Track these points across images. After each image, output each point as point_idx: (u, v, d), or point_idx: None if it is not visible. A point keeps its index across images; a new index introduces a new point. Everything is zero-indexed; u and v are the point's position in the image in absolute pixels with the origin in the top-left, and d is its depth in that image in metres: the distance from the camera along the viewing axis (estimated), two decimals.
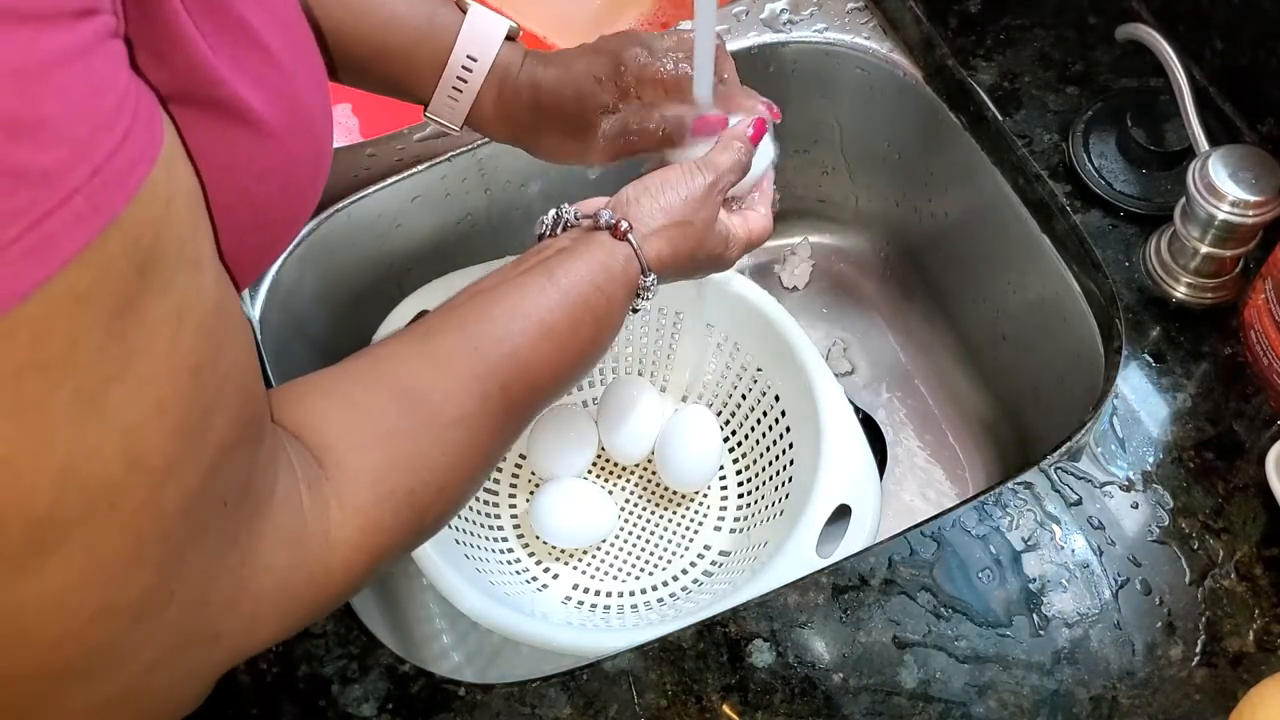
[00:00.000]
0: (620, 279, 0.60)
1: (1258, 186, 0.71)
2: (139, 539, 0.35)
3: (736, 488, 0.90)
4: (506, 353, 0.54)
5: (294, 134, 0.43)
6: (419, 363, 0.53)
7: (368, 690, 0.64)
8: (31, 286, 0.30)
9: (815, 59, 0.95)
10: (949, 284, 1.01)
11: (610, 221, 0.61)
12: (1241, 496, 0.69)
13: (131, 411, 0.34)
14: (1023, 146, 0.84)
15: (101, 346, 0.32)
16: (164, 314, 0.34)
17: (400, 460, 0.49)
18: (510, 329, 0.55)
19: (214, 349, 0.37)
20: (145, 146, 0.33)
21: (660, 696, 0.63)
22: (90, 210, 0.31)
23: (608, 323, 0.60)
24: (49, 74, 0.30)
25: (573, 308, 0.58)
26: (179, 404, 0.35)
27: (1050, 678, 0.63)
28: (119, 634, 0.37)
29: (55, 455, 0.32)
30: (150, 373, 0.34)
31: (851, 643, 0.65)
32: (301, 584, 0.44)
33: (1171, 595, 0.66)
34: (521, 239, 0.93)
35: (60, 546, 0.33)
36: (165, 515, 0.36)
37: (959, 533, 0.68)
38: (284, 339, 0.84)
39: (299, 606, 0.45)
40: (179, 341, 0.35)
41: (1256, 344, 0.73)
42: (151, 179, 0.33)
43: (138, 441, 0.34)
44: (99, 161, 0.31)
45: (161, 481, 0.35)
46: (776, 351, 0.85)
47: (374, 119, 1.05)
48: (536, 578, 0.86)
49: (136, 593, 0.36)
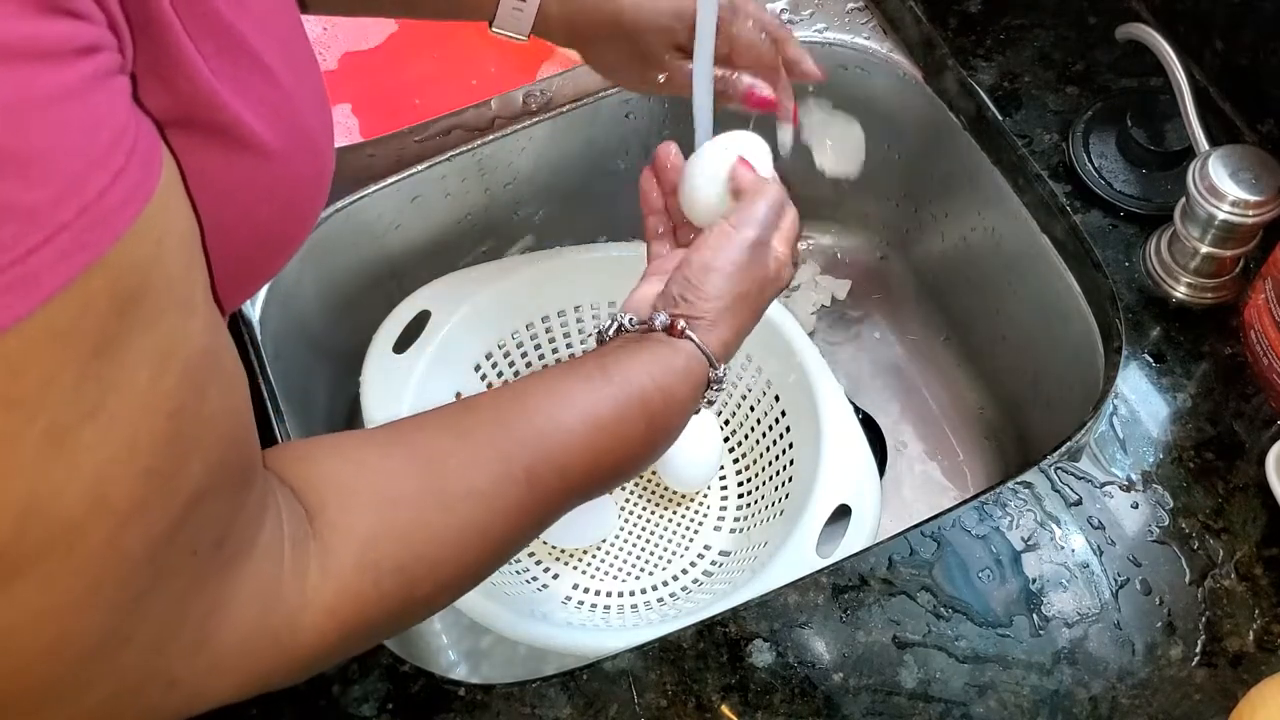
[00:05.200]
0: (684, 375, 0.56)
1: (1258, 186, 0.71)
2: (95, 581, 0.35)
3: (736, 488, 0.90)
4: (535, 434, 0.51)
5: (295, 154, 0.43)
6: (442, 433, 0.50)
7: (368, 690, 0.64)
8: (9, 322, 0.29)
9: (815, 59, 0.95)
10: (949, 284, 1.01)
11: (666, 324, 0.57)
12: (1241, 496, 0.69)
13: (100, 451, 0.33)
14: (1023, 146, 0.84)
15: (76, 385, 0.32)
16: (145, 354, 0.33)
17: (396, 529, 0.46)
18: (549, 414, 0.52)
19: (197, 394, 0.36)
20: (139, 185, 0.32)
21: (660, 696, 0.63)
22: (75, 248, 0.30)
23: (664, 421, 0.56)
24: (44, 110, 0.29)
25: (623, 401, 0.53)
26: (152, 447, 0.34)
27: (1050, 678, 0.63)
28: (70, 671, 0.36)
29: (19, 491, 0.32)
30: (125, 413, 0.33)
31: (851, 643, 0.65)
32: (267, 642, 0.42)
33: (1171, 595, 0.66)
34: (522, 239, 0.94)
35: (15, 582, 0.33)
36: (126, 559, 0.35)
37: (959, 533, 0.68)
38: (284, 339, 0.84)
39: (261, 666, 0.43)
40: (159, 383, 0.34)
41: (1256, 344, 0.73)
42: (143, 218, 0.32)
43: (103, 482, 0.33)
44: (88, 199, 0.31)
45: (124, 524, 0.34)
46: (776, 351, 0.85)
47: (374, 119, 1.05)
48: (536, 578, 0.86)
49: (88, 632, 0.36)
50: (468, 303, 0.85)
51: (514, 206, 0.95)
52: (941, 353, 1.02)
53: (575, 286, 0.89)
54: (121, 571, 0.35)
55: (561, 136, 0.91)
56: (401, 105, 1.03)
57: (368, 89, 1.07)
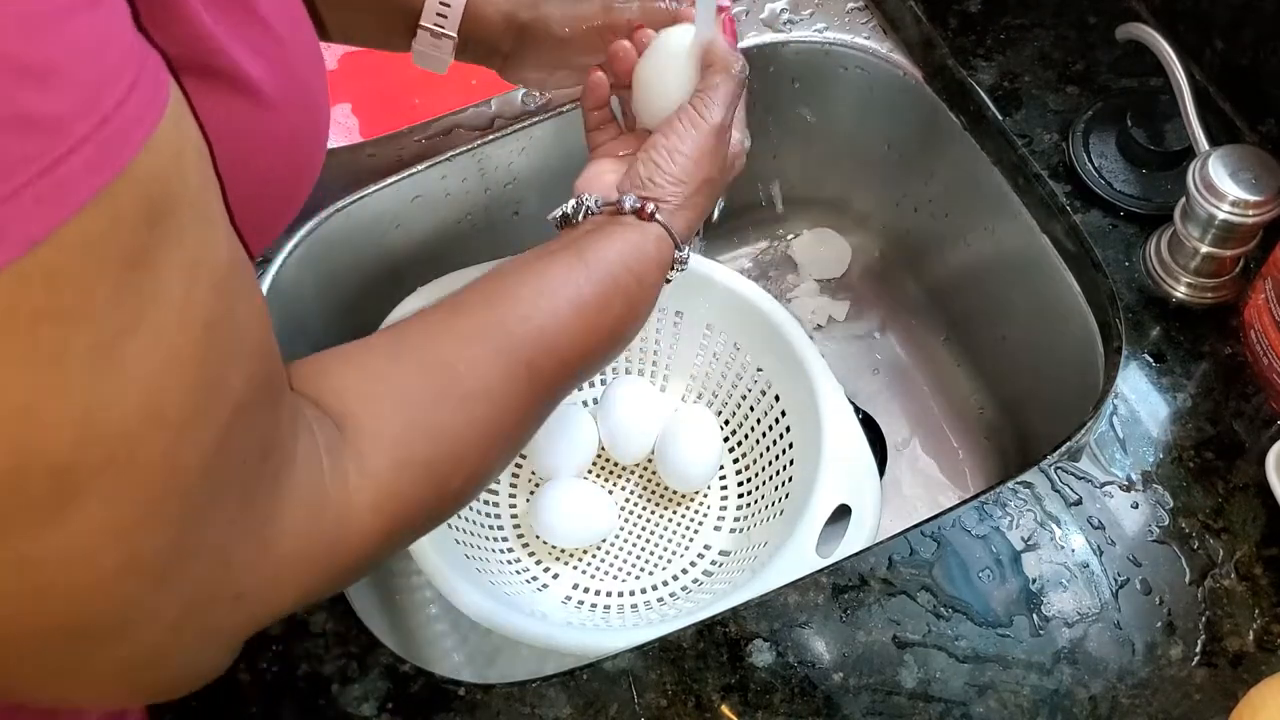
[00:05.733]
0: (654, 258, 0.60)
1: (1258, 186, 0.71)
2: (157, 494, 0.35)
3: (736, 487, 0.90)
4: (533, 329, 0.54)
5: (293, 104, 0.44)
6: (444, 337, 0.53)
7: (368, 690, 0.64)
8: (45, 231, 0.30)
9: (815, 59, 0.95)
10: (949, 284, 1.01)
11: (635, 206, 0.60)
12: (1241, 496, 0.69)
13: (147, 363, 0.33)
14: (1023, 146, 0.84)
15: (115, 297, 0.32)
16: (177, 267, 0.34)
17: (419, 428, 0.48)
18: (539, 306, 0.55)
19: (228, 305, 0.37)
20: (152, 100, 0.33)
21: (660, 696, 0.63)
22: (100, 159, 0.31)
23: (640, 302, 0.60)
24: (57, 22, 0.30)
25: (603, 287, 0.57)
26: (194, 358, 0.35)
27: (1050, 678, 0.63)
28: (143, 591, 0.37)
29: (74, 404, 0.32)
30: (164, 325, 0.34)
31: (851, 642, 0.65)
32: (321, 547, 0.44)
33: (1171, 595, 0.66)
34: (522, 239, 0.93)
35: (81, 497, 0.33)
36: (184, 471, 0.36)
37: (959, 533, 0.68)
38: (284, 339, 0.83)
39: (319, 570, 0.44)
40: (193, 295, 0.35)
41: (1256, 344, 0.73)
42: (160, 132, 0.33)
43: (154, 394, 0.34)
44: (107, 111, 0.31)
45: (179, 436, 0.35)
46: (776, 351, 0.85)
47: (374, 119, 1.05)
48: (536, 577, 0.86)
49: (158, 549, 0.36)
50: None
51: (514, 206, 0.95)
52: (941, 353, 1.02)
53: None
54: (182, 484, 0.36)
55: (561, 136, 0.91)
56: (401, 105, 1.03)
57: (368, 89, 1.07)
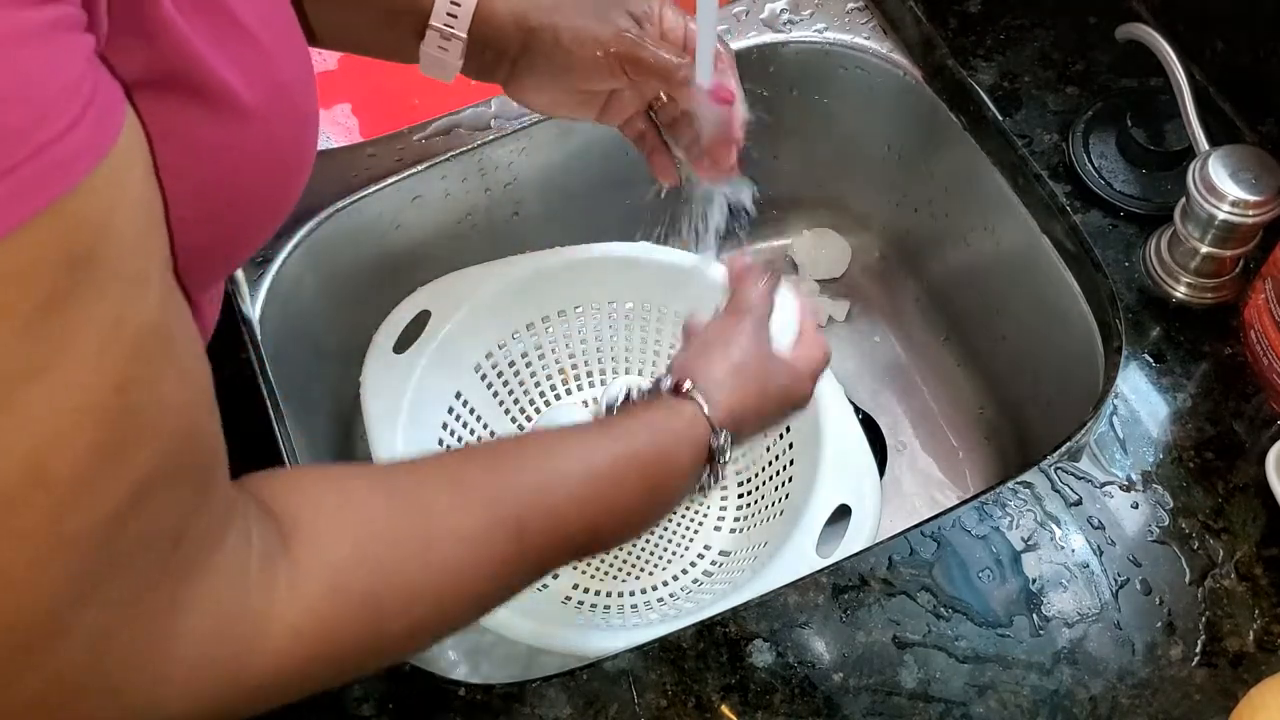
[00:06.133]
0: (686, 437, 0.56)
1: (1258, 186, 0.71)
2: (32, 558, 0.33)
3: (736, 487, 0.90)
4: (530, 485, 0.50)
5: (275, 114, 0.43)
6: (434, 479, 0.49)
7: (368, 690, 0.64)
8: None
9: (815, 59, 0.95)
10: (949, 284, 1.01)
11: (670, 385, 0.58)
12: (1241, 496, 0.69)
13: (43, 416, 0.32)
14: (1023, 146, 0.84)
15: (22, 338, 0.31)
16: (94, 320, 0.32)
17: (370, 559, 0.44)
18: (543, 466, 0.51)
19: (148, 372, 0.35)
20: (93, 141, 0.32)
21: (660, 696, 0.63)
22: (26, 190, 0.30)
23: (663, 481, 0.55)
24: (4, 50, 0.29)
25: (618, 455, 0.53)
26: (95, 421, 0.33)
27: (1050, 678, 0.63)
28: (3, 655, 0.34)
29: None
30: (72, 379, 0.32)
31: (851, 643, 0.65)
32: (225, 659, 0.40)
33: (1171, 595, 0.66)
34: (522, 239, 0.93)
35: None
36: (68, 540, 0.34)
37: (959, 533, 0.68)
38: (284, 339, 0.84)
39: (218, 685, 0.40)
40: (107, 354, 0.33)
41: (1256, 344, 0.73)
42: (98, 175, 0.32)
43: (45, 451, 0.32)
44: (40, 143, 0.30)
45: (66, 501, 0.33)
46: None
47: (374, 119, 1.05)
48: None
49: (26, 615, 0.34)
50: (468, 303, 0.85)
51: (514, 206, 0.95)
52: (941, 353, 1.02)
53: (575, 286, 0.89)
54: (62, 552, 0.34)
55: (561, 137, 0.91)
56: (401, 105, 1.03)
57: (368, 89, 1.07)
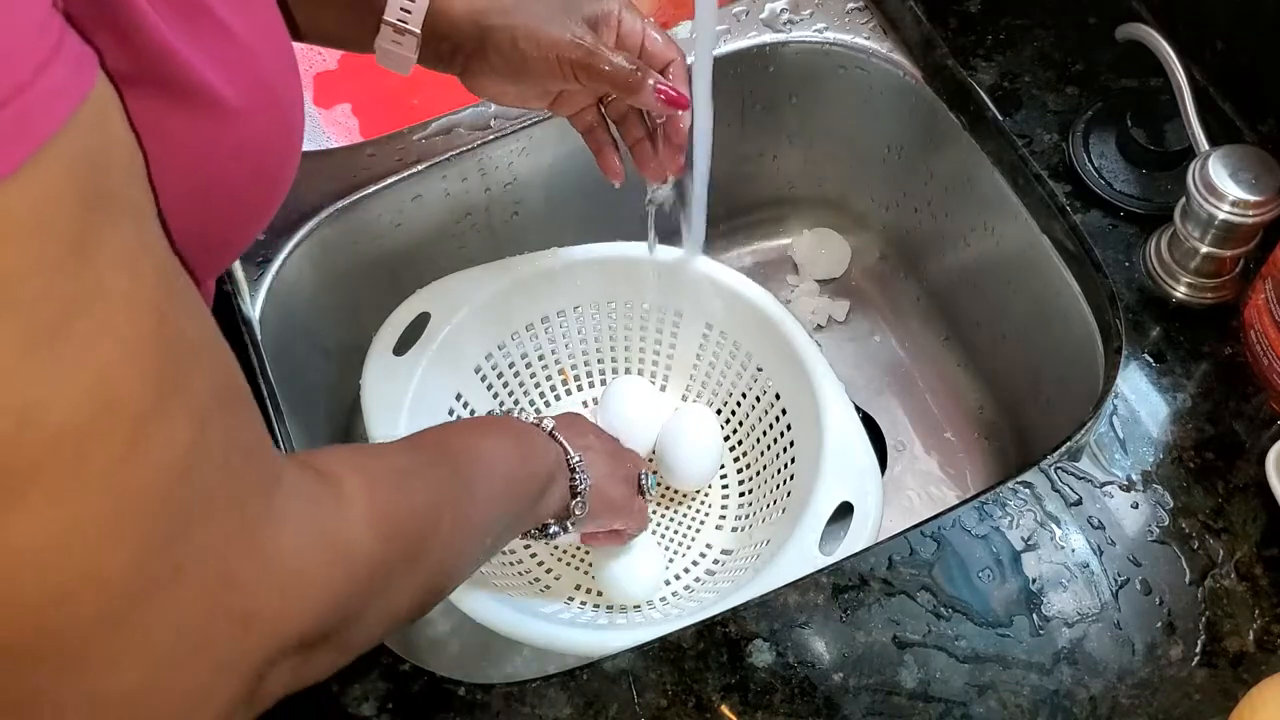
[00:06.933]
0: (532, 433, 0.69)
1: (1258, 186, 0.71)
2: (119, 496, 0.33)
3: (738, 486, 0.90)
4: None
5: (258, 112, 0.42)
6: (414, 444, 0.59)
7: (368, 690, 0.64)
8: None
9: (815, 59, 0.95)
10: (949, 284, 1.01)
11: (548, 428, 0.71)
12: (1241, 496, 0.69)
13: (95, 352, 0.32)
14: (1023, 146, 0.84)
15: (56, 279, 0.31)
16: (119, 254, 0.32)
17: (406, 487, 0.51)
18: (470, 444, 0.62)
19: (178, 306, 0.35)
20: (71, 81, 0.32)
21: (660, 696, 0.63)
22: (19, 127, 0.29)
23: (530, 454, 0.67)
24: None
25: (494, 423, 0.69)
26: (149, 349, 0.33)
27: (1050, 678, 0.63)
28: (116, 610, 0.34)
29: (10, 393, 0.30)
30: (114, 311, 0.32)
31: (851, 643, 0.65)
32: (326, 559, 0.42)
33: (1171, 595, 0.66)
34: (522, 239, 0.94)
35: (24, 498, 0.31)
36: (152, 470, 0.33)
37: (959, 533, 0.68)
38: (284, 339, 0.84)
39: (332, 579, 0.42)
40: (139, 285, 0.33)
41: (1256, 344, 0.73)
42: (83, 112, 0.32)
43: (110, 382, 0.32)
44: (24, 79, 0.29)
45: (139, 430, 0.33)
46: (777, 349, 0.85)
47: (374, 119, 1.05)
48: (539, 578, 0.86)
49: (126, 560, 0.33)
50: (467, 304, 0.85)
51: (514, 207, 0.95)
52: (941, 353, 1.02)
53: (575, 286, 0.89)
54: (150, 485, 0.34)
55: (562, 136, 0.91)
56: (401, 105, 1.03)
57: (368, 89, 1.07)
